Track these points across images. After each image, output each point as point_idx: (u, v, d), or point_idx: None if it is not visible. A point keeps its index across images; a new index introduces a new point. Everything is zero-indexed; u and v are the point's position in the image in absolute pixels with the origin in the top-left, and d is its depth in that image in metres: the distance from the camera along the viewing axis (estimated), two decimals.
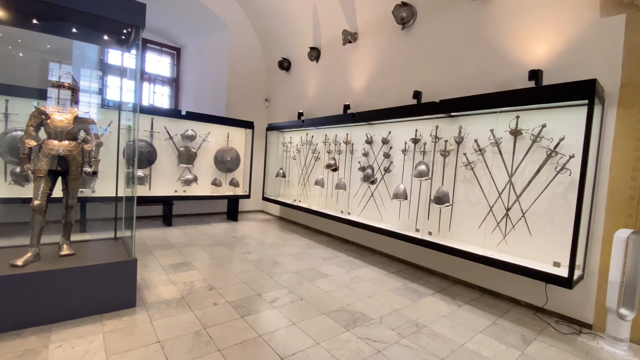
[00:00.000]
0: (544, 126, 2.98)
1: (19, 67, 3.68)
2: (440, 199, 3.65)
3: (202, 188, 6.10)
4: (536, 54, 3.20)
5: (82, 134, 2.73)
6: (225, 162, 6.31)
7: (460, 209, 3.64)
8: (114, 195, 3.54)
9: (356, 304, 3.01)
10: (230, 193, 6.45)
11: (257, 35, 7.35)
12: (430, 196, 3.85)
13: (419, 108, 3.87)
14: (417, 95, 4.12)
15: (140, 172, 5.35)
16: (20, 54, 3.40)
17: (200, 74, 7.63)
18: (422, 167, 3.87)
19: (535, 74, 3.01)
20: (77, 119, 2.64)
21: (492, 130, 3.33)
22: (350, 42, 5.20)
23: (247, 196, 6.69)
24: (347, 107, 5.13)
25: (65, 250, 2.65)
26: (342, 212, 4.94)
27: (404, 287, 3.52)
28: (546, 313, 3.09)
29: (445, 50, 4.01)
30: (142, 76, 7.20)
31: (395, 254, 4.53)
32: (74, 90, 2.65)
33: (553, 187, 2.94)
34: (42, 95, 2.67)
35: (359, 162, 4.76)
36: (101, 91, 5.78)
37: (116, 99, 5.03)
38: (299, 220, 6.57)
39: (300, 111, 6.28)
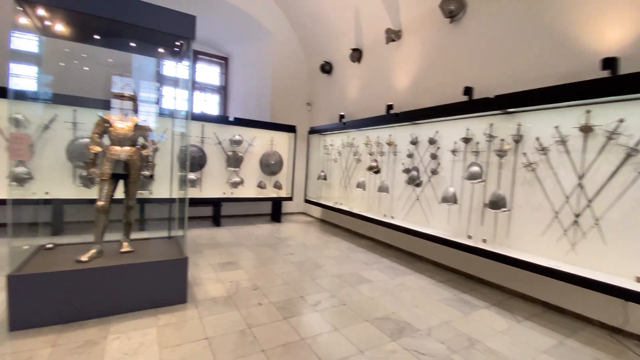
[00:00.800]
0: (621, 121, 2.60)
1: (85, 80, 4.12)
2: (496, 203, 3.36)
3: (248, 190, 6.33)
4: (610, 40, 2.81)
5: (140, 140, 2.96)
6: (270, 166, 6.48)
7: (520, 215, 3.31)
8: (169, 197, 3.80)
9: (402, 312, 2.87)
10: (274, 195, 6.61)
11: (299, 41, 7.48)
12: (484, 200, 3.57)
13: (471, 105, 3.62)
14: (468, 91, 3.85)
15: (192, 175, 5.70)
16: (86, 68, 3.80)
17: (246, 82, 7.96)
18: (475, 169, 3.60)
19: (610, 62, 2.64)
20: (136, 126, 2.87)
21: (557, 127, 2.98)
22: (393, 40, 5.05)
23: (290, 198, 6.80)
24: (390, 107, 4.98)
25: (125, 248, 2.88)
26: (385, 215, 4.79)
27: (454, 298, 3.29)
28: (625, 335, 2.67)
29: (499, 42, 3.71)
30: (194, 85, 7.70)
31: (443, 262, 4.27)
32: (134, 100, 2.89)
33: (634, 191, 2.54)
34: (105, 105, 2.95)
35: (403, 164, 4.58)
36: (158, 101, 6.28)
37: (170, 108, 5.43)
38: (340, 223, 6.51)
39: (342, 113, 6.24)
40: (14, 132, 2.35)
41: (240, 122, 6.09)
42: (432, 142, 4.19)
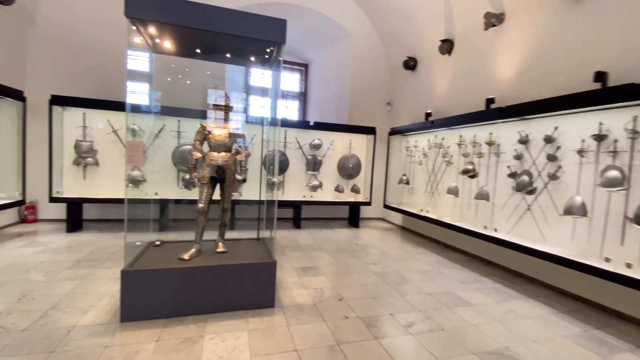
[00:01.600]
0: None
1: (187, 92, 4.55)
2: None
3: (327, 194, 6.28)
4: None
5: (234, 146, 3.07)
6: (347, 169, 6.33)
7: None
8: (257, 198, 3.91)
9: (517, 348, 2.36)
10: (352, 199, 6.43)
11: (380, 39, 7.19)
12: (626, 213, 2.78)
13: (608, 93, 2.86)
14: (600, 77, 3.08)
15: (275, 179, 5.89)
16: (187, 82, 4.19)
17: (325, 86, 8.00)
18: (614, 173, 2.83)
19: None
20: (231, 134, 2.98)
21: None
22: (494, 25, 4.40)
23: (368, 203, 6.53)
24: (490, 101, 4.34)
25: (220, 248, 3.01)
26: (485, 227, 4.16)
27: (585, 335, 2.61)
28: None
29: None
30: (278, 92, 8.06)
31: (565, 287, 3.49)
32: (228, 109, 3.01)
33: None
34: (202, 115, 3.14)
35: (509, 167, 3.91)
36: (245, 109, 6.70)
37: (258, 116, 5.70)
38: (425, 232, 5.97)
39: (428, 111, 5.73)
40: (130, 140, 2.62)
41: (319, 126, 6.09)
42: (549, 140, 3.47)
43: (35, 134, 5.27)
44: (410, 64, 6.40)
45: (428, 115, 5.69)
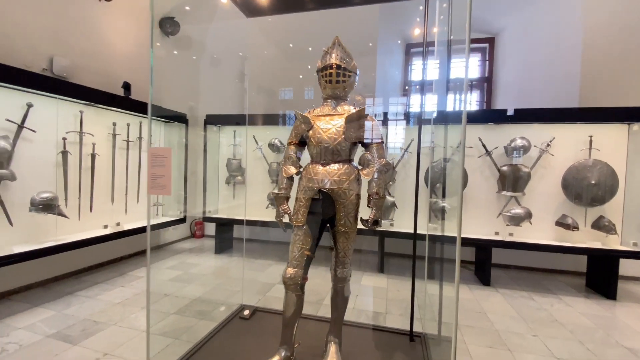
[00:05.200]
0: None
1: None
2: None
3: (540, 230, 3.72)
4: None
5: (360, 153, 1.53)
6: (585, 188, 3.55)
7: None
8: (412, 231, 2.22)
9: None
10: (598, 244, 3.54)
11: None
12: None
13: None
14: None
15: (445, 203, 3.93)
16: None
17: (527, 60, 5.31)
18: None
19: None
20: (348, 122, 1.46)
21: None
22: None
23: (638, 254, 3.43)
24: None
25: (331, 357, 1.49)
26: None
27: None
28: None
29: None
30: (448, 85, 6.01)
31: None
32: (346, 74, 1.50)
33: None
34: None
35: None
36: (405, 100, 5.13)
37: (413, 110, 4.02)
38: None
39: None
40: (154, 148, 1.54)
41: (525, 116, 3.69)
42: None
43: (199, 153, 5.55)
44: None
45: None
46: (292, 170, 1.63)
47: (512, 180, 3.70)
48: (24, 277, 3.07)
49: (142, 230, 4.02)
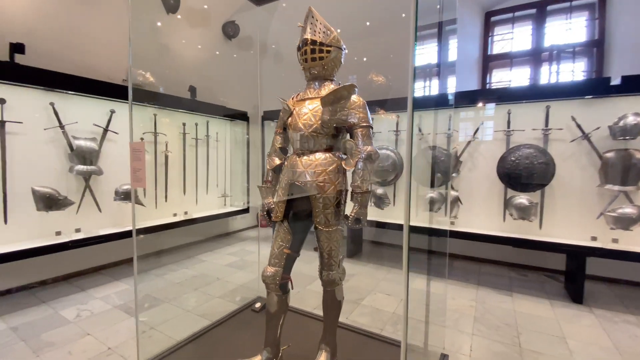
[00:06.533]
0: None
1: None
2: None
3: None
4: None
5: (345, 140, 1.32)
6: None
7: None
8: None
9: None
10: None
11: None
12: None
13: None
14: None
15: (523, 199, 3.26)
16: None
17: None
18: None
19: None
20: (324, 103, 1.26)
21: None
22: None
23: None
24: None
25: None
26: None
27: None
28: None
29: None
30: (487, 60, 4.93)
31: None
32: (322, 49, 1.30)
33: None
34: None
35: None
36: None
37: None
38: None
39: None
40: (134, 142, 1.57)
41: (638, 85, 2.75)
42: None
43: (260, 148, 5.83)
44: None
45: None
46: (277, 161, 1.51)
47: (620, 171, 2.81)
48: (112, 255, 3.70)
49: (208, 218, 4.45)
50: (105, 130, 3.41)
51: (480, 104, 3.58)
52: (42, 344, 2.10)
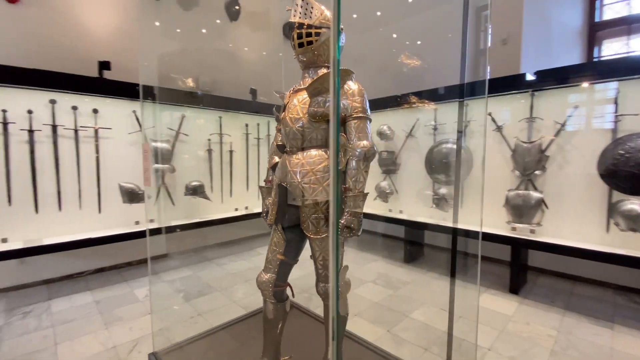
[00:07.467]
0: None
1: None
2: None
3: None
4: None
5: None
6: None
7: None
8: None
9: None
10: None
11: None
12: None
13: None
14: None
15: (635, 205, 2.51)
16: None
17: None
18: None
19: None
20: (311, 94, 1.11)
21: None
22: None
23: None
24: None
25: None
26: None
27: None
28: None
29: None
30: (594, 29, 3.70)
31: None
32: (310, 32, 1.14)
33: None
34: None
35: None
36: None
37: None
38: None
39: None
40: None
41: None
42: None
43: None
44: None
45: None
46: (276, 159, 1.39)
47: None
48: (186, 244, 4.15)
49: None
50: (177, 132, 3.82)
51: (583, 84, 2.84)
52: (113, 317, 2.46)
